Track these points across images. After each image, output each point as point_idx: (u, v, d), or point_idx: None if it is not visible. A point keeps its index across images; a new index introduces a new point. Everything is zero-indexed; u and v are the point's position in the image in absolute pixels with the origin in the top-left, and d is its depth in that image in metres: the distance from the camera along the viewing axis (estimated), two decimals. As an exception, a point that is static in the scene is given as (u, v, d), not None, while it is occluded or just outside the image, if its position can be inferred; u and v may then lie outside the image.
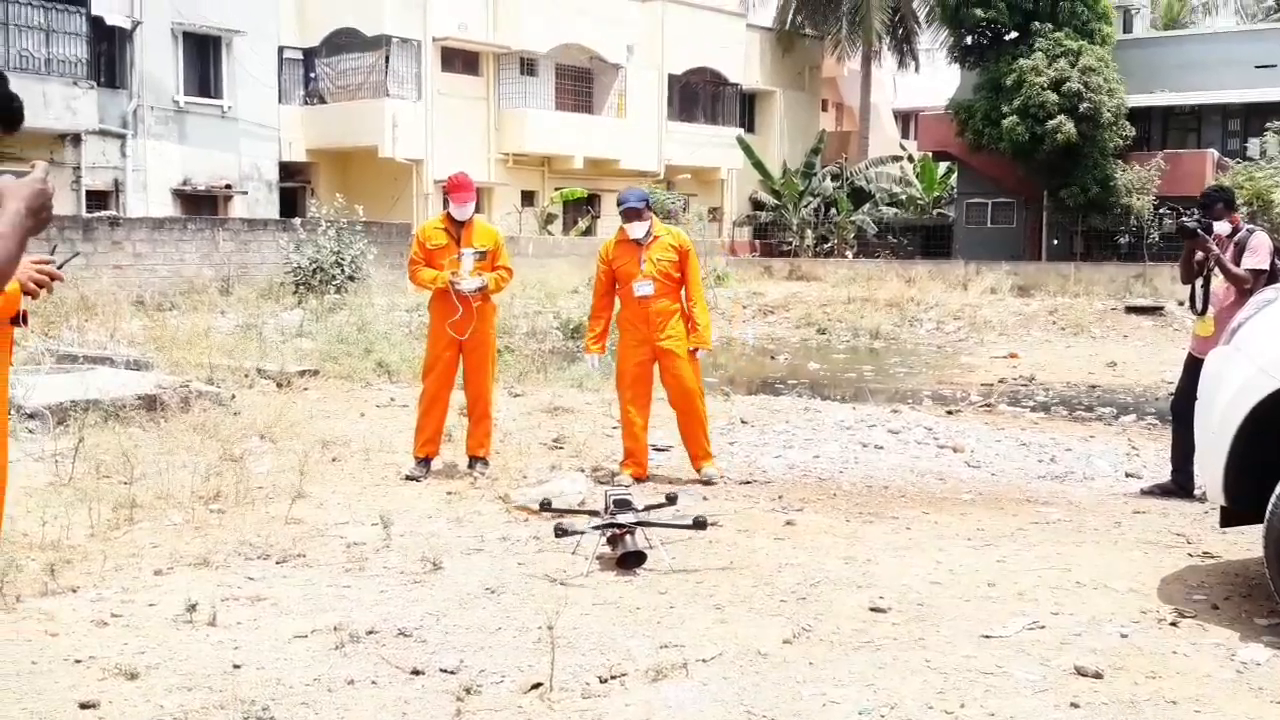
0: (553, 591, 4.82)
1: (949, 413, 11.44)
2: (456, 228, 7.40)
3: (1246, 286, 6.73)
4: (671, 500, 5.87)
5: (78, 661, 3.96)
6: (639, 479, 7.17)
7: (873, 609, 4.60)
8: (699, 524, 5.44)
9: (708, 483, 7.20)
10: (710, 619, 4.50)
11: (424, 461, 7.35)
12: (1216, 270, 6.98)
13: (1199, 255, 7.08)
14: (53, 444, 7.20)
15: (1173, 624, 4.46)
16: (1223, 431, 4.63)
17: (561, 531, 5.38)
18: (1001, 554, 5.53)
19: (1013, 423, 10.89)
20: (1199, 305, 7.13)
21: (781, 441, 9.00)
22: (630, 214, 7.27)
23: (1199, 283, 7.14)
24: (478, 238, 7.44)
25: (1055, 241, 32.33)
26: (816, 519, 6.29)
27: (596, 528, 5.36)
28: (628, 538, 5.26)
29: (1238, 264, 6.88)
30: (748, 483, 7.34)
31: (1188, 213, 7.32)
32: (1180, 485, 7.12)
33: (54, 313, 14.64)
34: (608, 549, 5.31)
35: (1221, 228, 7.06)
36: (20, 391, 8.31)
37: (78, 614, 4.45)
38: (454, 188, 7.35)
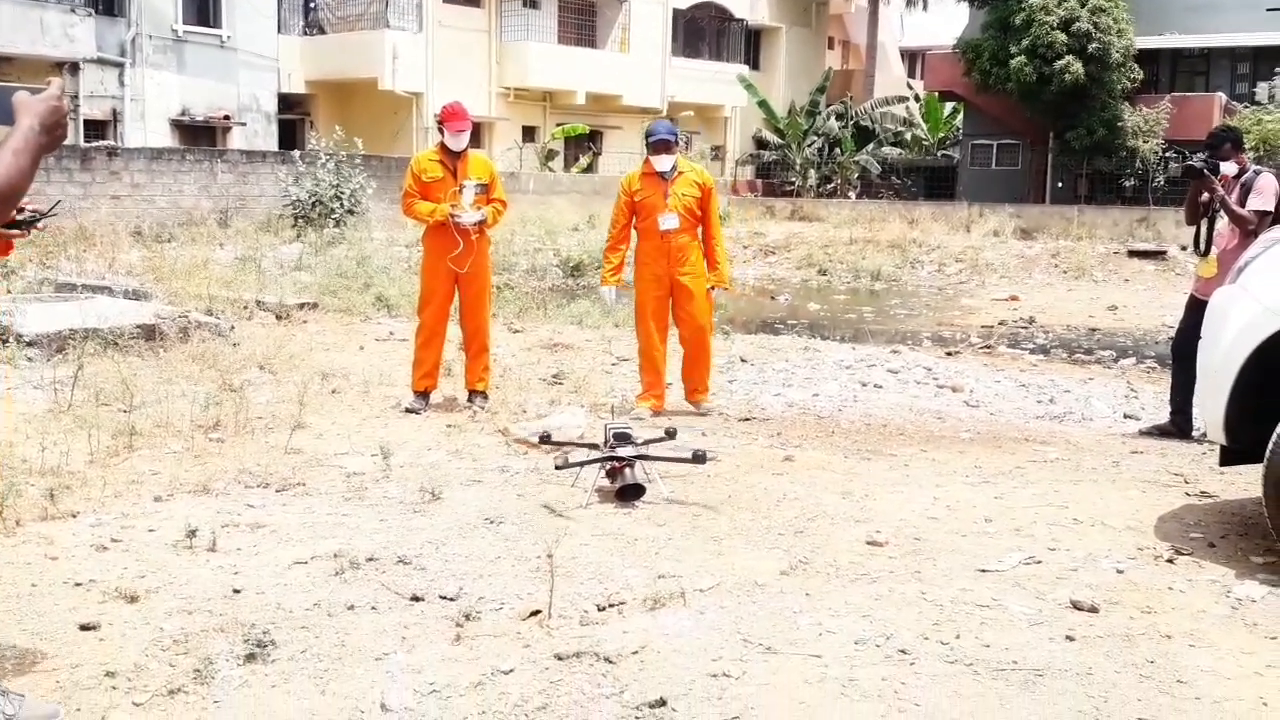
0: (552, 522, 4.83)
1: (948, 354, 11.43)
2: (452, 160, 7.32)
3: (1251, 227, 6.69)
4: (671, 434, 5.88)
5: (77, 585, 3.97)
6: (658, 412, 7.20)
7: (870, 543, 4.62)
8: (698, 458, 5.45)
9: (704, 414, 7.27)
10: (708, 551, 4.52)
11: (423, 395, 7.34)
12: (1221, 211, 6.93)
13: (1204, 196, 7.03)
14: (52, 371, 7.18)
15: (1169, 561, 4.48)
16: (1225, 370, 4.61)
17: (561, 464, 5.39)
18: (999, 491, 5.54)
19: (1012, 364, 10.89)
20: (1203, 246, 7.09)
21: (781, 380, 9.00)
22: (659, 146, 7.27)
23: (1203, 224, 7.10)
24: (474, 170, 7.35)
25: (1060, 184, 32.13)
26: (815, 455, 6.30)
27: (595, 460, 5.37)
28: (626, 471, 5.27)
29: (1243, 205, 6.83)
30: (747, 419, 7.35)
31: (1194, 154, 7.26)
32: (1178, 427, 7.12)
33: (52, 242, 14.58)
34: (607, 482, 5.32)
35: (1229, 168, 6.99)
36: (19, 319, 8.30)
37: (77, 539, 4.47)
38: (449, 117, 7.23)
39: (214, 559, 4.28)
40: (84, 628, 3.59)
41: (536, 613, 3.77)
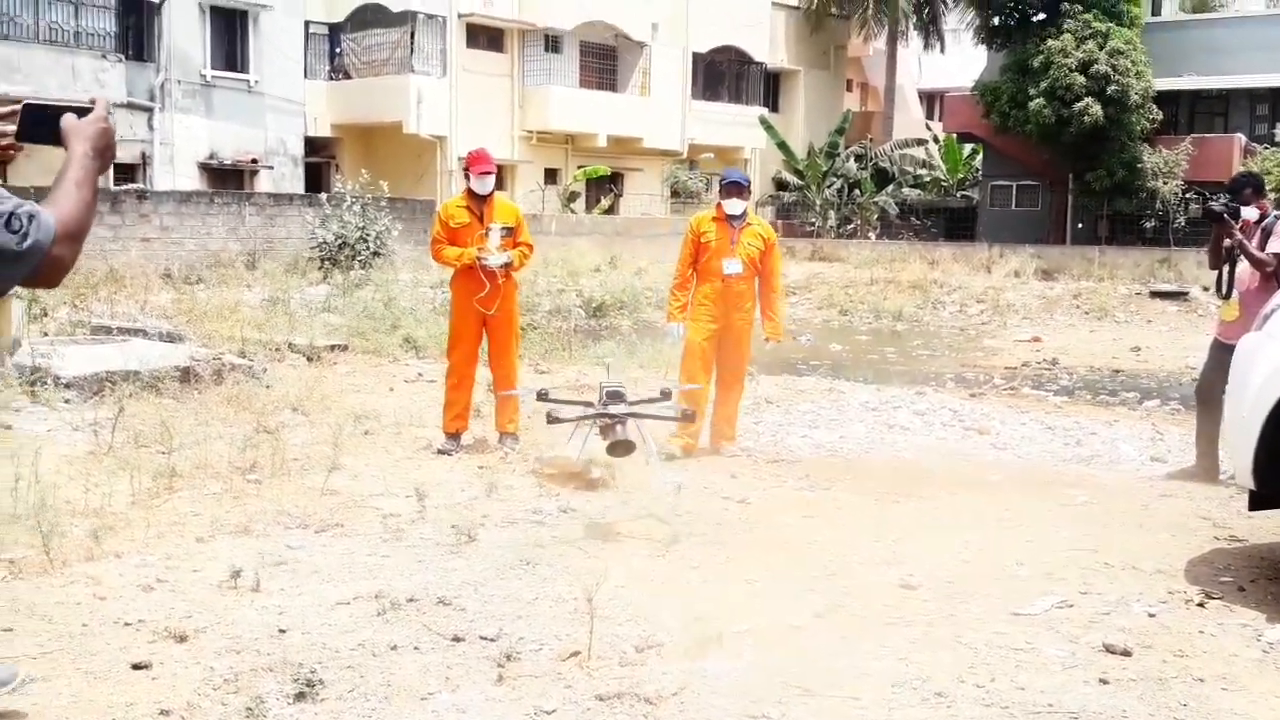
0: (587, 564, 4.90)
1: (972, 395, 11.46)
2: (479, 204, 7.46)
3: (1270, 270, 6.74)
4: (665, 395, 5.99)
5: (127, 624, 4.06)
6: (690, 452, 7.29)
7: (903, 586, 4.67)
8: (687, 416, 5.58)
9: (731, 457, 7.37)
10: (742, 593, 4.58)
11: (454, 436, 7.44)
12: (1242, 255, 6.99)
13: (1226, 241, 7.09)
14: (92, 413, 7.31)
15: (1200, 604, 4.51)
16: (1254, 415, 4.66)
17: (553, 419, 5.54)
18: (1029, 535, 5.58)
19: (1036, 406, 10.91)
20: (1224, 289, 7.15)
21: (807, 421, 9.07)
22: (732, 189, 7.49)
23: (1225, 267, 7.16)
24: (500, 214, 7.50)
25: (1080, 225, 32.18)
26: (845, 498, 6.36)
27: (588, 417, 5.52)
28: (618, 428, 5.40)
29: (1264, 249, 6.88)
30: (776, 462, 7.41)
31: (1214, 197, 7.33)
32: (1204, 470, 7.14)
33: (83, 284, 14.79)
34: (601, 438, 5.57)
35: (1250, 213, 7.07)
36: (56, 360, 8.45)
37: (124, 579, 4.56)
38: (474, 161, 7.41)
39: (258, 599, 4.36)
40: (136, 667, 3.67)
41: (576, 654, 3.84)
